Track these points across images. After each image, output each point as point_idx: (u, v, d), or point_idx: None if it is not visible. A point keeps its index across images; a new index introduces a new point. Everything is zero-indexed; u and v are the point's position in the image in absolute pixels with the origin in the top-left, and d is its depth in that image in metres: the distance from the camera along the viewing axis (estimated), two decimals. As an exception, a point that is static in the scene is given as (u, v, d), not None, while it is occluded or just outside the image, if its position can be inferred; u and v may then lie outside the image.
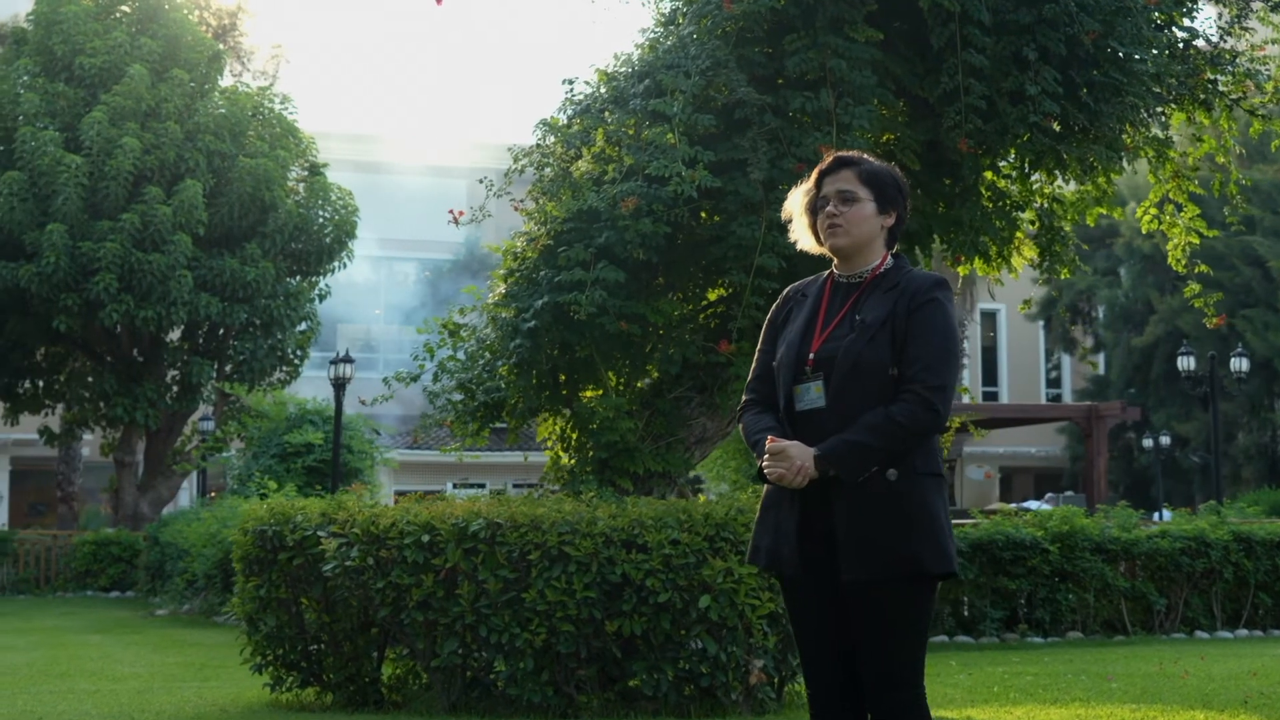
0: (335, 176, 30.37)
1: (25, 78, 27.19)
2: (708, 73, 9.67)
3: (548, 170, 10.22)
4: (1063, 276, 11.50)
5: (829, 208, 4.60)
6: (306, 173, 29.55)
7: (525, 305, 9.78)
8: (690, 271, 10.42)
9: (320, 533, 9.06)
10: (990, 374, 46.81)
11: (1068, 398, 46.40)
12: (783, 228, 9.41)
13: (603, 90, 10.22)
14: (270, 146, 28.19)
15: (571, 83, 10.47)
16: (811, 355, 4.53)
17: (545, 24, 73.57)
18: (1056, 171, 10.78)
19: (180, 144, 26.65)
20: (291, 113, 29.50)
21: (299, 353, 29.75)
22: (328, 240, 29.12)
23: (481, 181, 10.14)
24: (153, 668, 12.59)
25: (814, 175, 4.72)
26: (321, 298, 30.19)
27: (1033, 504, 26.23)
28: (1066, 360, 46.89)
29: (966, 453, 41.87)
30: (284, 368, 29.65)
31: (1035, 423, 38.11)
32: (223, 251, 27.31)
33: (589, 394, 10.68)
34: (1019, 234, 11.26)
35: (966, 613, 15.28)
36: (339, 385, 20.64)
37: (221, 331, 28.93)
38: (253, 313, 28.11)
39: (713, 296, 10.78)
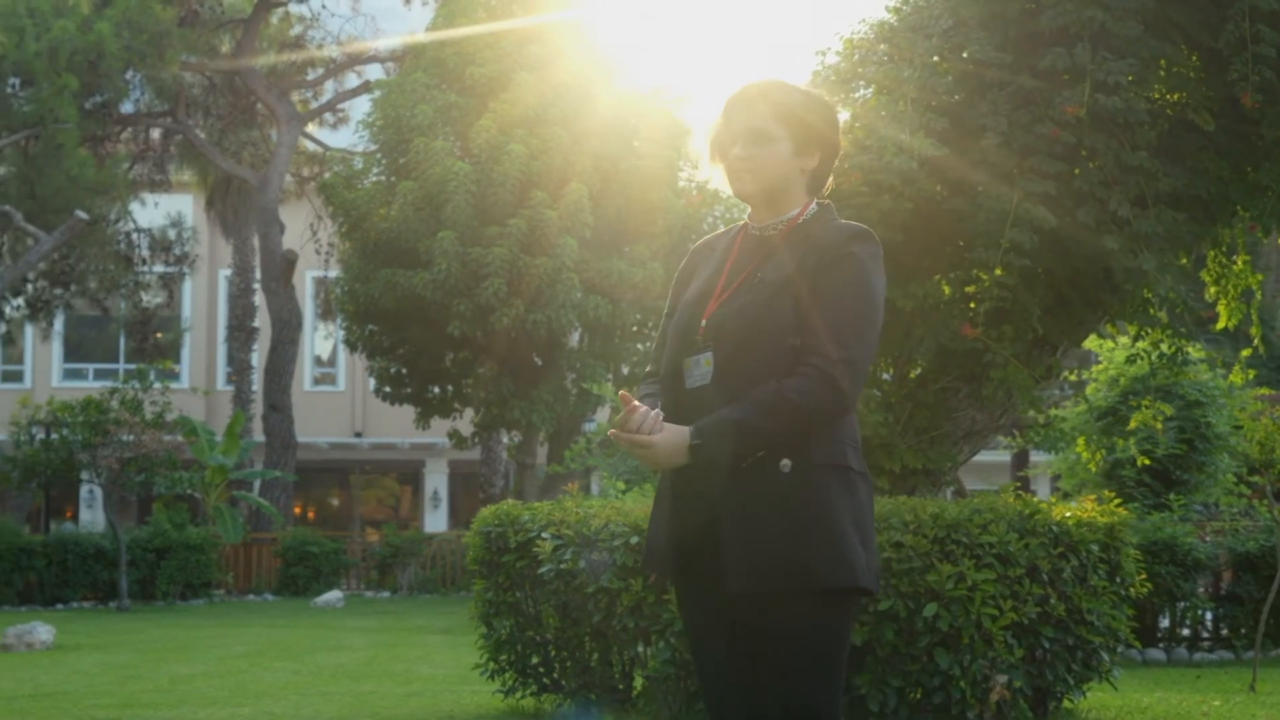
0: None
1: (421, 90, 27.90)
2: (949, 34, 8.86)
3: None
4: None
5: (736, 150, 3.83)
6: (698, 172, 29.33)
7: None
8: (947, 251, 9.53)
9: (543, 535, 8.71)
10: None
11: None
12: (1039, 199, 8.60)
13: (842, 62, 9.48)
14: (659, 147, 28.06)
15: (824, 54, 9.78)
16: (703, 322, 3.79)
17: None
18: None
19: (567, 149, 26.85)
20: (682, 113, 29.34)
21: (691, 351, 29.54)
22: (719, 240, 28.75)
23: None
24: (454, 670, 12.51)
25: (724, 106, 3.93)
26: (712, 298, 29.89)
27: None
28: None
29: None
30: (678, 367, 29.50)
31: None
32: (610, 253, 27.41)
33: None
34: (1347, 199, 9.96)
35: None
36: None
37: (619, 335, 29.08)
38: (645, 314, 28.13)
39: (985, 279, 9.85)
